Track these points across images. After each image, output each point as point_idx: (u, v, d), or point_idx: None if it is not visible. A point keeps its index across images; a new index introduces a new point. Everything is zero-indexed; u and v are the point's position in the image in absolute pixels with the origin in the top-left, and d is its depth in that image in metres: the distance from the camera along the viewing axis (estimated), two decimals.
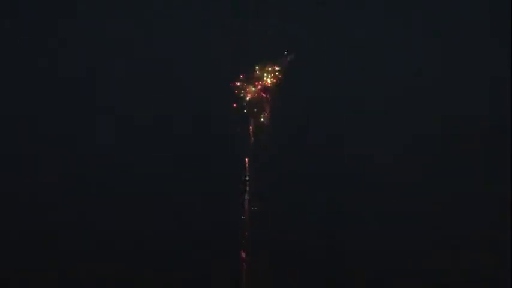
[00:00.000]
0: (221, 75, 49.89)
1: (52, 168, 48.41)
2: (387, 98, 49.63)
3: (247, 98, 50.52)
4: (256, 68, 50.86)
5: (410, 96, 49.48)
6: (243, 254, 46.68)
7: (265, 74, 50.78)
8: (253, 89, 50.61)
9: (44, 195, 47.55)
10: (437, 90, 49.63)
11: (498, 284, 43.32)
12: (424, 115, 49.54)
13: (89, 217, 46.99)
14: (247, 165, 49.55)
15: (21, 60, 49.78)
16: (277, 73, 50.76)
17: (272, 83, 50.97)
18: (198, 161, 49.00)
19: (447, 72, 49.52)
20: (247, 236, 47.28)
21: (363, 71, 49.88)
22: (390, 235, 46.00)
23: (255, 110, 50.57)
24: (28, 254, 45.39)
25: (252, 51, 50.00)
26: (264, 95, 50.92)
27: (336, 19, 50.30)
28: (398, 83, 49.49)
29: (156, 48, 50.39)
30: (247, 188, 48.74)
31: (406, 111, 49.53)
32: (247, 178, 49.09)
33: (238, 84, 50.58)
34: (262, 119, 50.36)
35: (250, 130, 50.16)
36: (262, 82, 51.00)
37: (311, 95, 49.91)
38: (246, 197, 48.48)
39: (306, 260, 45.47)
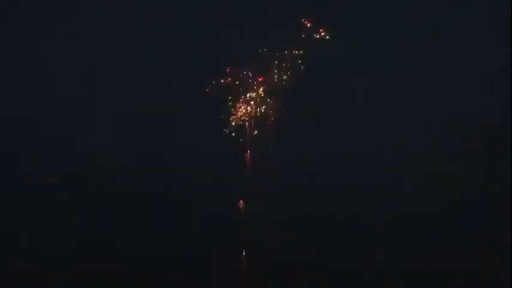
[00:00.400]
0: (221, 75, 49.88)
1: (52, 168, 48.42)
2: (387, 98, 49.64)
3: (240, 111, 39.36)
4: (260, 50, 39.73)
5: (410, 96, 49.48)
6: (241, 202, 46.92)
7: (277, 64, 39.15)
8: (255, 95, 41.95)
9: (44, 195, 47.55)
10: (437, 90, 49.63)
11: (498, 284, 43.28)
12: (424, 115, 49.55)
13: (89, 217, 46.98)
14: (247, 165, 49.50)
15: (21, 60, 49.80)
16: (298, 61, 42.09)
17: (288, 79, 39.45)
18: (198, 161, 48.98)
19: (447, 72, 49.52)
20: (247, 236, 47.26)
21: (363, 71, 49.87)
22: (390, 235, 45.96)
23: (255, 131, 42.20)
24: (28, 254, 45.35)
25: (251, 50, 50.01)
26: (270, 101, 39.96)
27: (336, 19, 50.31)
28: (398, 83, 49.48)
29: (156, 48, 50.41)
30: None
31: (406, 111, 49.52)
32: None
33: (224, 82, 41.91)
34: (270, 147, 42.08)
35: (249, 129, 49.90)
36: (272, 77, 41.60)
37: (311, 95, 49.88)
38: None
39: (305, 260, 45.41)
